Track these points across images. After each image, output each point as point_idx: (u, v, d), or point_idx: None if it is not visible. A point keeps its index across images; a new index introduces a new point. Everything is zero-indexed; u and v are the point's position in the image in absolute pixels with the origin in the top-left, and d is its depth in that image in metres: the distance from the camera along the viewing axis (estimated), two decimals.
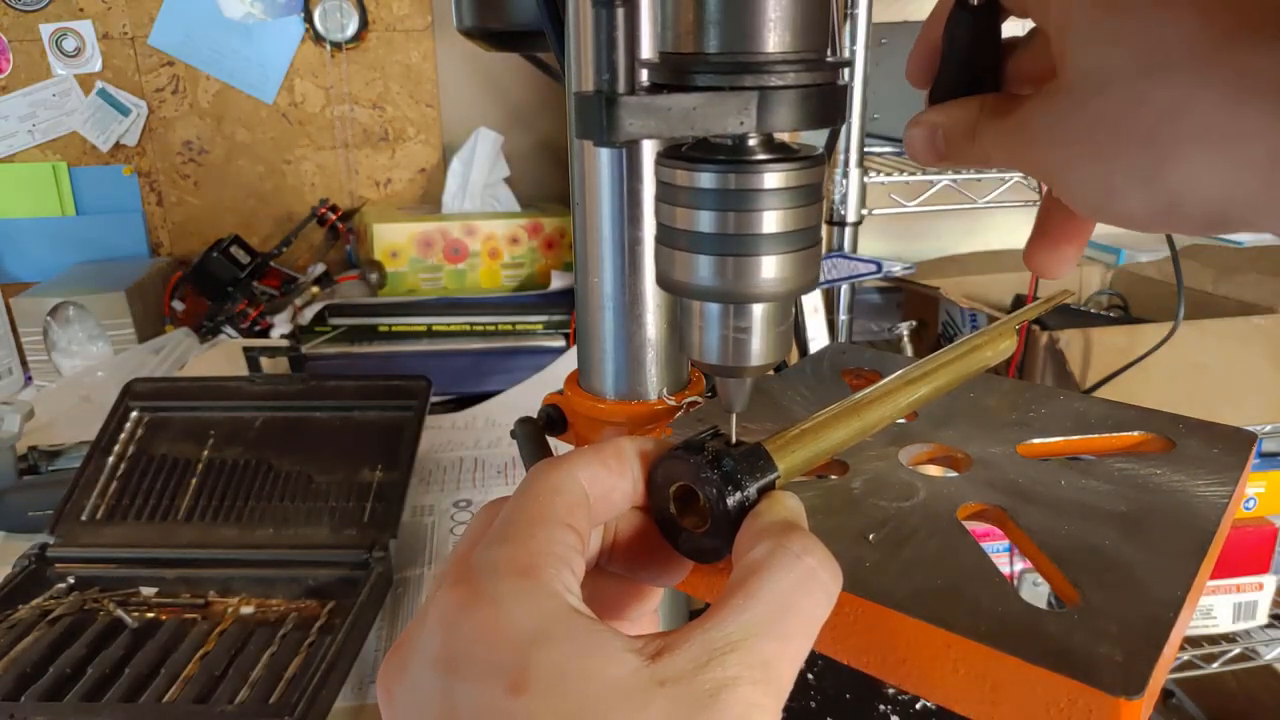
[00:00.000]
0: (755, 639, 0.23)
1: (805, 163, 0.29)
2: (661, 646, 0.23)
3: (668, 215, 0.30)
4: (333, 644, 0.65)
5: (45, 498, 0.84)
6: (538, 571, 0.25)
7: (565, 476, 0.28)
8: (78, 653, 0.67)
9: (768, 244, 0.29)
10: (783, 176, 0.29)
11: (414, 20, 1.44)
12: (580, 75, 0.44)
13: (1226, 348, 1.05)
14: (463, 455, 1.03)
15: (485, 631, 0.23)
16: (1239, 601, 1.14)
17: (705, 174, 0.29)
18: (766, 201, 0.29)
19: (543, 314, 1.23)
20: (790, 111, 0.28)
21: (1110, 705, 0.24)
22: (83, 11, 1.33)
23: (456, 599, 0.24)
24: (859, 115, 1.04)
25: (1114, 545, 0.32)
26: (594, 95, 0.28)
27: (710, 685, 0.22)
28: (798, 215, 0.29)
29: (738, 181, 0.29)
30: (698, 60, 0.28)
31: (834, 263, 0.93)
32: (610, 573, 0.31)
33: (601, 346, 0.48)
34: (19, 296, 1.24)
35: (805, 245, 0.30)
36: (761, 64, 0.27)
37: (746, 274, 0.29)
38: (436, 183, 1.50)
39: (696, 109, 0.27)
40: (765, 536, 0.27)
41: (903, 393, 0.37)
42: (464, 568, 0.25)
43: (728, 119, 0.27)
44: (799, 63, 0.28)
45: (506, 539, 0.26)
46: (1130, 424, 0.42)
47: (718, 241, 0.29)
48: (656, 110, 0.28)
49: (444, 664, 0.23)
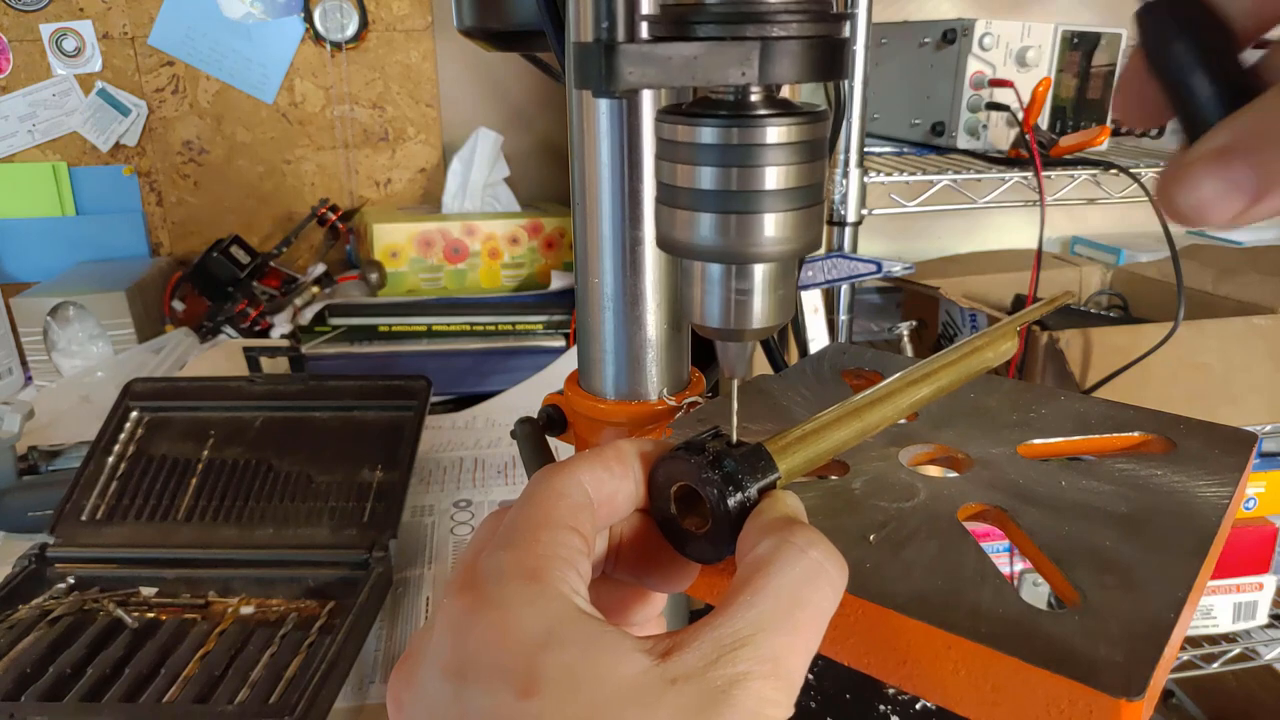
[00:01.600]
0: (764, 634, 0.23)
1: (808, 117, 0.29)
2: (671, 645, 0.23)
3: (668, 173, 0.30)
4: (333, 644, 0.65)
5: (45, 498, 0.84)
6: (544, 574, 0.25)
7: (568, 481, 0.28)
8: (78, 653, 0.67)
9: (770, 201, 0.29)
10: (785, 131, 0.28)
11: (414, 20, 1.44)
12: (580, 28, 0.44)
13: (1226, 348, 1.05)
14: (463, 455, 1.03)
15: (493, 636, 0.23)
16: (1239, 601, 1.14)
17: (707, 129, 0.28)
18: (769, 157, 0.28)
19: (543, 314, 1.23)
20: (793, 63, 0.27)
21: (1111, 706, 0.24)
22: (83, 11, 1.33)
23: (463, 605, 0.24)
24: (859, 115, 1.04)
25: (1114, 546, 0.32)
26: (593, 44, 0.27)
27: (721, 682, 0.22)
28: (800, 172, 0.29)
29: (740, 136, 0.28)
30: (699, 10, 0.28)
31: (834, 263, 0.92)
32: (615, 579, 0.31)
33: (601, 346, 0.48)
34: (19, 296, 1.24)
35: (807, 203, 0.29)
36: (763, 14, 0.27)
37: (748, 232, 0.29)
38: (436, 183, 1.49)
39: (698, 58, 0.27)
40: (769, 532, 0.27)
41: (904, 394, 0.37)
42: (470, 574, 0.25)
43: (729, 69, 0.27)
44: (801, 13, 0.27)
45: (511, 544, 0.26)
46: (1130, 424, 0.42)
47: (719, 199, 0.29)
48: (656, 59, 0.27)
49: (453, 671, 0.23)
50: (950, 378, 0.39)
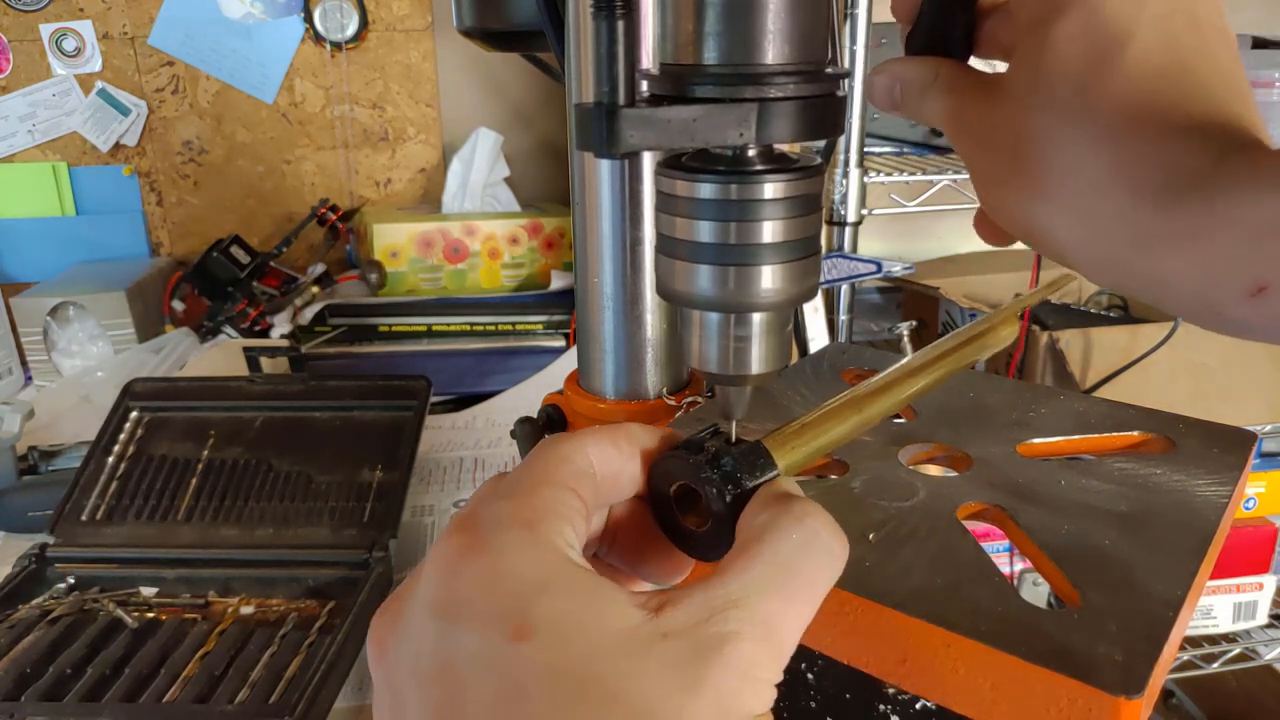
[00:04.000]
0: (757, 597, 0.23)
1: (804, 173, 0.29)
2: (664, 601, 0.23)
3: (667, 225, 0.30)
4: (333, 644, 0.65)
5: (45, 498, 0.84)
6: (540, 525, 0.24)
7: (574, 448, 0.28)
8: (78, 653, 0.67)
9: (768, 254, 0.29)
10: (782, 186, 0.29)
11: (414, 20, 1.44)
12: (581, 85, 0.44)
13: (1226, 348, 1.05)
14: (463, 455, 1.03)
15: (487, 578, 0.23)
16: (1239, 601, 1.14)
17: (705, 184, 0.29)
18: (766, 211, 0.29)
19: (543, 314, 1.23)
20: (790, 123, 0.28)
21: (1110, 705, 0.24)
22: (83, 11, 1.33)
23: (457, 545, 0.24)
24: (859, 115, 1.04)
25: (1114, 545, 0.32)
26: (594, 107, 0.28)
27: (712, 640, 0.22)
28: (797, 225, 0.29)
29: (738, 192, 0.29)
30: (697, 71, 0.28)
31: (834, 263, 0.93)
32: (606, 563, 0.31)
33: (601, 346, 0.48)
34: (19, 296, 1.24)
35: (805, 254, 0.30)
36: (761, 75, 0.28)
37: (746, 284, 0.29)
38: (436, 183, 1.49)
39: (696, 121, 0.27)
40: (768, 506, 0.27)
41: (903, 384, 0.37)
42: (467, 521, 0.25)
43: (727, 131, 0.27)
44: (798, 74, 0.28)
45: (511, 495, 0.26)
46: (1130, 424, 0.42)
47: (718, 251, 0.29)
48: (656, 122, 0.28)
49: (443, 610, 0.23)
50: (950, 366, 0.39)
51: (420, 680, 0.23)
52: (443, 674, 0.22)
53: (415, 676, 0.23)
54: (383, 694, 0.25)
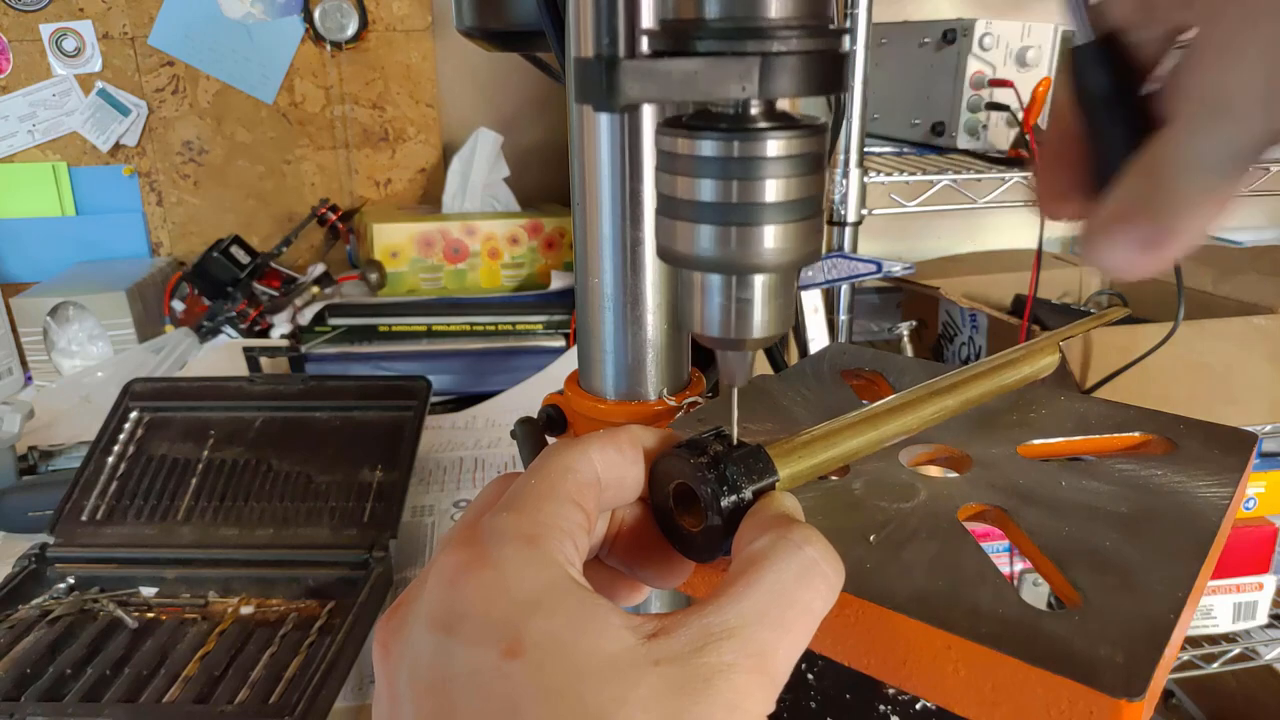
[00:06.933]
0: (752, 627, 0.23)
1: (808, 130, 0.29)
2: (659, 627, 0.23)
3: (668, 185, 0.30)
4: (333, 644, 0.65)
5: (45, 498, 0.84)
6: (542, 541, 0.25)
7: (579, 457, 0.28)
8: (78, 653, 0.67)
9: (770, 213, 0.29)
10: (785, 144, 0.28)
11: (414, 20, 1.44)
12: (581, 43, 0.43)
13: (1226, 348, 1.05)
14: (463, 455, 1.03)
15: (486, 593, 0.23)
16: (1239, 601, 1.14)
17: (707, 142, 0.28)
18: (769, 170, 0.28)
19: (543, 314, 1.23)
20: (793, 77, 0.27)
21: (1111, 707, 0.24)
22: (83, 11, 1.33)
23: (459, 560, 0.24)
24: (859, 115, 1.04)
25: (1115, 546, 0.32)
26: (594, 59, 0.27)
27: (705, 670, 0.22)
28: (800, 184, 0.29)
29: (740, 149, 0.28)
30: (699, 25, 0.28)
31: (834, 263, 0.92)
32: (608, 565, 0.31)
33: (601, 346, 0.48)
34: (19, 296, 1.24)
35: (807, 215, 0.30)
36: (764, 29, 0.27)
37: (749, 243, 0.29)
38: (436, 183, 1.49)
39: (698, 73, 0.27)
40: (767, 528, 0.27)
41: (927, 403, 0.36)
42: (470, 532, 0.25)
43: (730, 84, 0.27)
44: (802, 28, 0.27)
45: (514, 508, 0.26)
46: (1131, 424, 0.42)
47: (719, 211, 0.29)
48: (658, 74, 0.27)
49: (442, 623, 0.23)
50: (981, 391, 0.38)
51: (416, 689, 0.23)
52: (437, 686, 0.23)
53: (412, 685, 0.23)
54: (383, 695, 0.25)
